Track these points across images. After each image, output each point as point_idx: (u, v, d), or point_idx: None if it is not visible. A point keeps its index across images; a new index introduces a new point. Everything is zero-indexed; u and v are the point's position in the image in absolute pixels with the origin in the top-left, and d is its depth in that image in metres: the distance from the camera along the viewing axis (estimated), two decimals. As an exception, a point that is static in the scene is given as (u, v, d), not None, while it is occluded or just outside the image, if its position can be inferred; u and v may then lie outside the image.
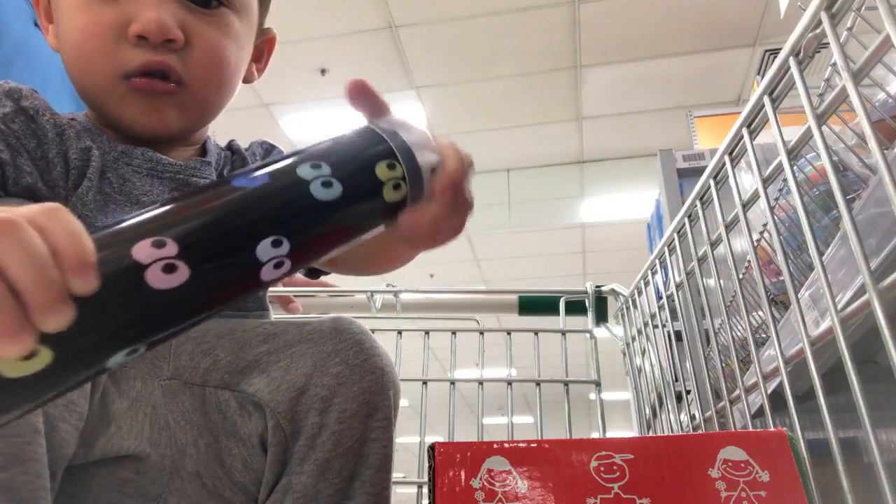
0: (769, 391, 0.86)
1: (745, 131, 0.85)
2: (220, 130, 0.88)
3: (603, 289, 1.65)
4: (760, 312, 1.04)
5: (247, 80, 0.83)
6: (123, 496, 0.63)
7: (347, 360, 0.67)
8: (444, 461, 0.44)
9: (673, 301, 1.19)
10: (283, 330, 0.70)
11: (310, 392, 0.66)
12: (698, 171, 1.68)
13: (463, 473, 0.44)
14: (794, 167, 0.76)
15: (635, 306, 1.51)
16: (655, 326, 1.38)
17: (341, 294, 1.68)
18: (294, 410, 0.66)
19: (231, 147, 0.88)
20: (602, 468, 0.44)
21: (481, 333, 1.58)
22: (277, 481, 0.67)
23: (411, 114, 3.93)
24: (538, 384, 1.51)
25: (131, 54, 0.67)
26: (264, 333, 0.70)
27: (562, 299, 1.64)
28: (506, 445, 0.45)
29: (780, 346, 0.79)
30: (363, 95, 0.50)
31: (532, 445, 0.45)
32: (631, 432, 1.97)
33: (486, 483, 0.43)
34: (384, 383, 0.68)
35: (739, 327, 1.05)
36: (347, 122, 0.48)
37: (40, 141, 0.68)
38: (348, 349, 0.68)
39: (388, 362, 0.71)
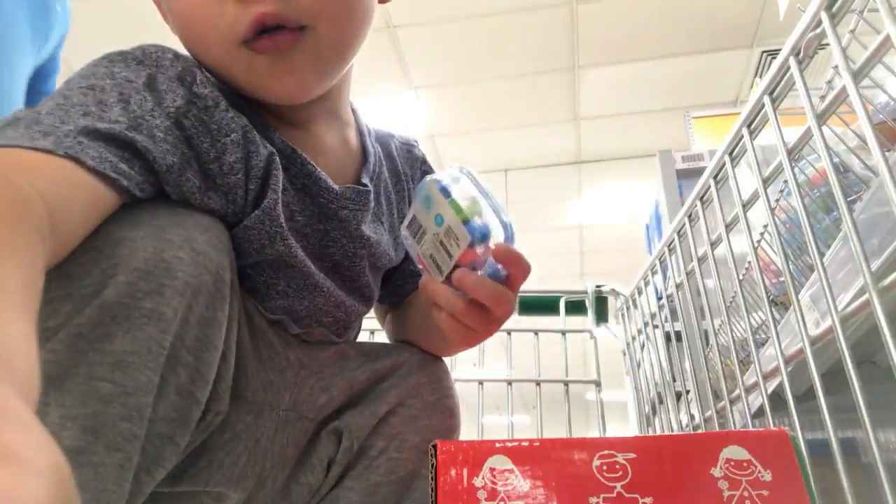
0: (769, 391, 0.86)
1: (745, 131, 0.85)
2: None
3: (603, 289, 1.65)
4: (760, 313, 1.04)
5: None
6: None
7: (424, 395, 0.71)
8: (446, 460, 0.44)
9: (673, 301, 1.19)
10: (382, 364, 0.72)
11: (387, 420, 0.69)
12: (697, 172, 1.69)
13: (465, 472, 0.44)
14: (796, 168, 0.76)
15: (635, 306, 1.51)
16: (655, 326, 1.38)
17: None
18: (368, 435, 0.69)
19: (381, 141, 0.78)
20: (604, 467, 0.44)
21: (480, 333, 1.58)
22: (328, 492, 0.69)
23: (410, 114, 3.93)
24: (538, 384, 1.50)
25: (238, 12, 0.56)
26: (368, 370, 0.72)
27: (562, 299, 1.64)
28: (508, 444, 0.45)
29: (779, 346, 0.79)
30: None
31: (534, 444, 0.45)
32: (627, 433, 1.97)
33: (488, 482, 0.43)
34: (449, 425, 0.71)
35: (739, 327, 1.05)
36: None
37: (214, 139, 0.58)
38: (428, 385, 0.71)
39: (457, 403, 0.73)
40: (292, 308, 0.66)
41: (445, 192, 0.57)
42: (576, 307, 1.66)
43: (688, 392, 1.21)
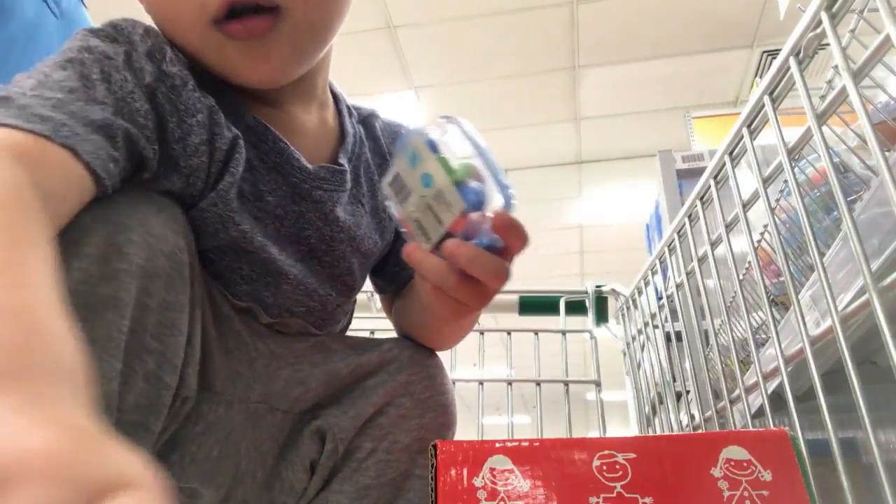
0: (769, 391, 0.86)
1: (745, 131, 0.85)
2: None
3: (603, 289, 1.65)
4: (760, 313, 1.04)
5: None
6: None
7: (414, 393, 0.68)
8: (446, 460, 0.44)
9: (673, 301, 1.19)
10: (368, 360, 0.69)
11: (374, 421, 0.67)
12: (697, 172, 1.68)
13: (465, 472, 0.44)
14: (796, 168, 0.76)
15: (635, 306, 1.51)
16: (656, 326, 1.38)
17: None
18: (355, 436, 0.66)
19: (364, 122, 0.76)
20: (604, 467, 0.44)
21: (481, 333, 1.58)
22: (316, 495, 0.67)
23: (410, 114, 3.93)
24: (538, 384, 1.50)
25: None
26: (352, 365, 0.69)
27: (562, 299, 1.64)
28: (508, 444, 0.45)
29: (779, 346, 0.79)
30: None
31: (535, 444, 0.45)
32: (627, 433, 1.97)
33: (488, 482, 0.43)
34: (443, 423, 0.68)
35: (739, 327, 1.05)
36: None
37: (181, 119, 0.56)
38: (418, 382, 0.68)
39: (452, 400, 0.70)
40: (258, 294, 0.64)
41: (433, 147, 0.50)
42: (576, 307, 1.67)
43: (688, 392, 1.20)
